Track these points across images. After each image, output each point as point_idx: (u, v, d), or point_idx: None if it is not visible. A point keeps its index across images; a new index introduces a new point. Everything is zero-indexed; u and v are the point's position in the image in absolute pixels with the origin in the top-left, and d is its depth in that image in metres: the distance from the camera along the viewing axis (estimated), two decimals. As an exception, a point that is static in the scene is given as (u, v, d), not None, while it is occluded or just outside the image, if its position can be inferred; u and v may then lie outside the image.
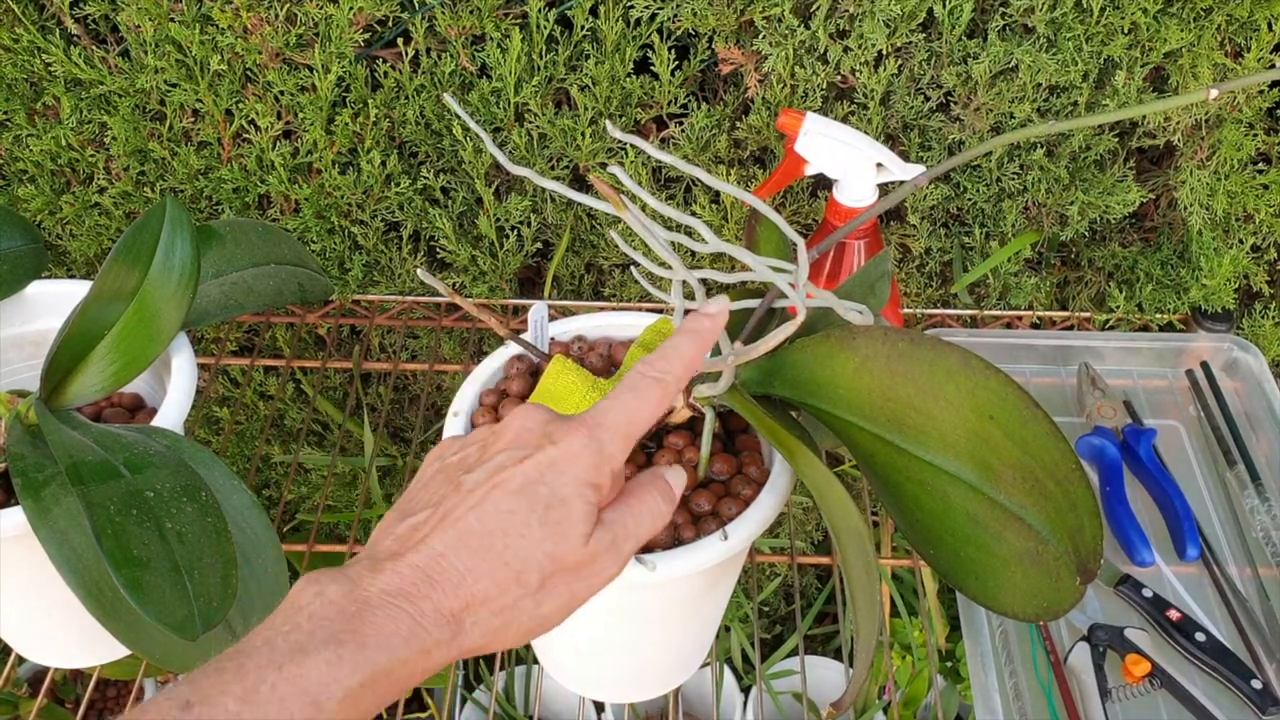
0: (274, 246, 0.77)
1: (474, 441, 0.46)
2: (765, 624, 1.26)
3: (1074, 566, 0.48)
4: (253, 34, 0.84)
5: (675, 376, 0.46)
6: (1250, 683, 0.69)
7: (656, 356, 0.46)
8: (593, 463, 0.43)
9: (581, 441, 0.43)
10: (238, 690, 0.35)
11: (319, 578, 0.40)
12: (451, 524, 0.42)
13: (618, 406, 0.45)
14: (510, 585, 0.41)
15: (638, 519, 0.45)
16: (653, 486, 0.46)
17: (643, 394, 0.45)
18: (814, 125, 0.76)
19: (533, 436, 0.44)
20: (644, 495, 0.46)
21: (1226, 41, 0.82)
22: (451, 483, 0.44)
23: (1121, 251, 0.94)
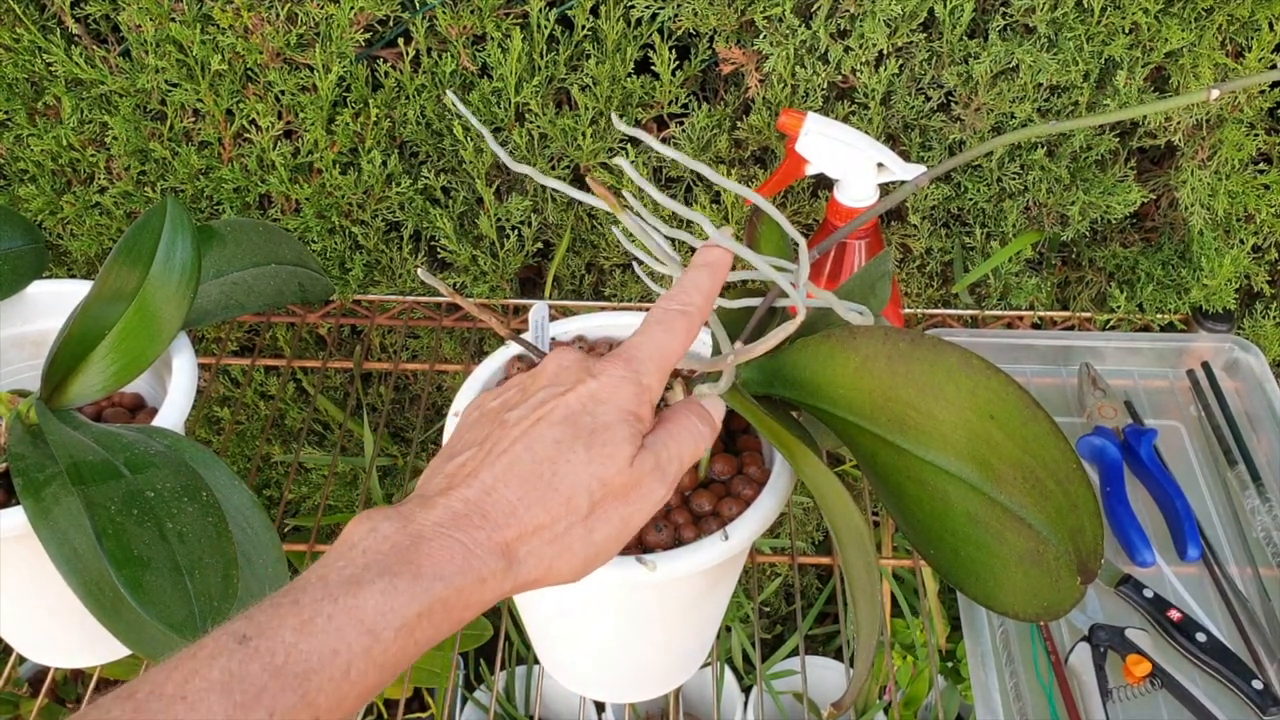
0: (275, 246, 0.77)
1: (513, 385, 0.47)
2: (766, 624, 1.26)
3: (1075, 566, 0.48)
4: (253, 34, 0.84)
5: (697, 307, 0.47)
6: (1251, 683, 0.69)
7: (676, 290, 0.48)
8: (633, 392, 0.44)
9: (620, 373, 0.44)
10: (294, 622, 0.36)
11: (371, 515, 0.40)
12: (499, 456, 0.42)
13: (649, 340, 0.46)
14: (561, 512, 0.42)
15: (679, 441, 0.46)
16: (688, 410, 0.47)
17: (670, 326, 0.46)
18: (815, 125, 0.76)
19: (571, 373, 0.45)
20: (681, 419, 0.47)
21: (1227, 41, 0.82)
22: (495, 422, 0.44)
23: (1122, 251, 0.94)
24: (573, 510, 0.42)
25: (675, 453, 0.45)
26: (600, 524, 0.43)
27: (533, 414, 0.44)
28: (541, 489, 0.41)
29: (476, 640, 1.11)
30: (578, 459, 0.42)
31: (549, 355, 0.47)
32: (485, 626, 1.11)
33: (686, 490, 0.57)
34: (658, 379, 0.45)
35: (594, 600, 0.58)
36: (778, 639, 1.27)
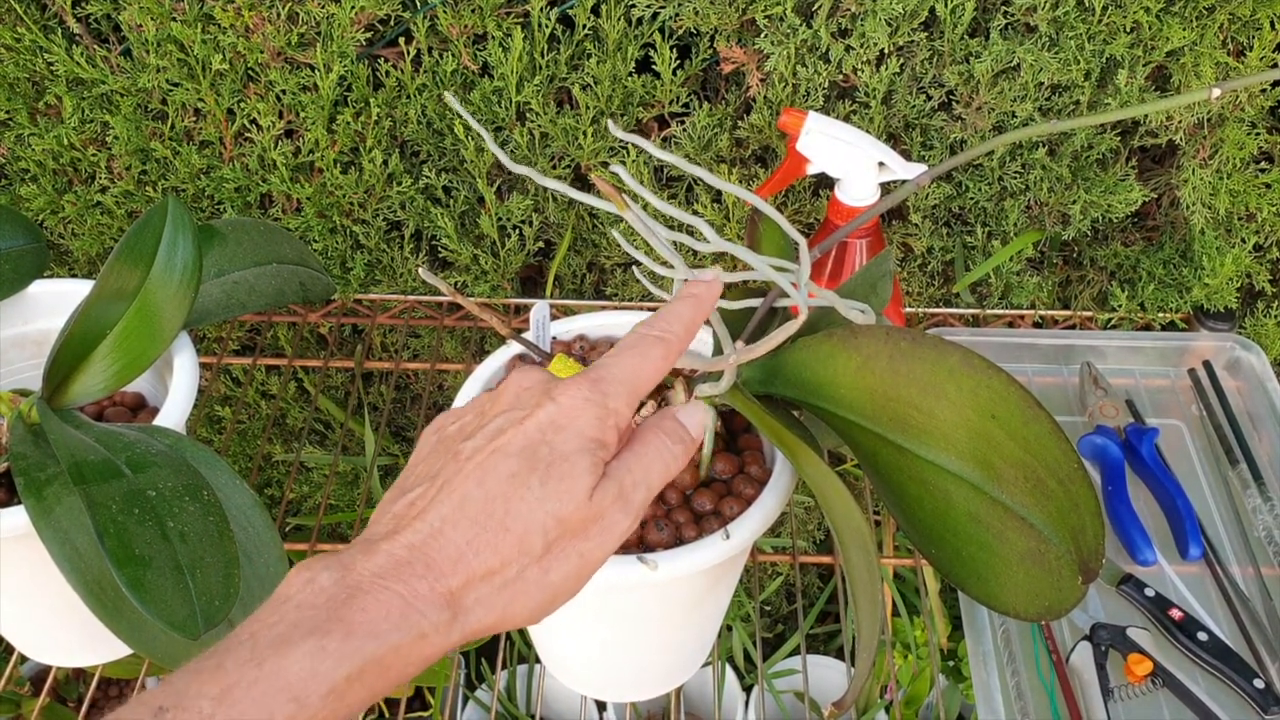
0: (276, 246, 0.77)
1: (471, 409, 0.44)
2: (767, 623, 1.26)
3: (1076, 566, 0.48)
4: (254, 33, 0.84)
5: (676, 336, 0.45)
6: (1252, 682, 0.69)
7: (657, 317, 0.45)
8: (596, 416, 0.41)
9: (584, 396, 0.41)
10: (214, 690, 0.33)
11: (311, 564, 0.38)
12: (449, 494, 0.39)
13: (621, 362, 0.43)
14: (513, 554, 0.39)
15: (646, 464, 0.42)
16: (659, 429, 0.44)
17: (645, 351, 0.44)
18: (816, 124, 0.76)
19: (532, 395, 0.42)
20: (650, 439, 0.43)
21: (1229, 40, 0.82)
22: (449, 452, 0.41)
23: (1123, 250, 0.94)
24: (526, 552, 0.39)
25: (641, 478, 0.42)
26: (557, 564, 0.40)
27: (488, 444, 0.41)
28: (493, 530, 0.38)
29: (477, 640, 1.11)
30: (532, 495, 0.39)
31: (510, 375, 0.44)
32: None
33: (688, 489, 0.57)
34: (626, 402, 0.42)
35: (595, 600, 0.58)
36: (779, 638, 1.27)
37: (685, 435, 0.45)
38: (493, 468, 0.40)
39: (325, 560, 0.38)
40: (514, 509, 0.39)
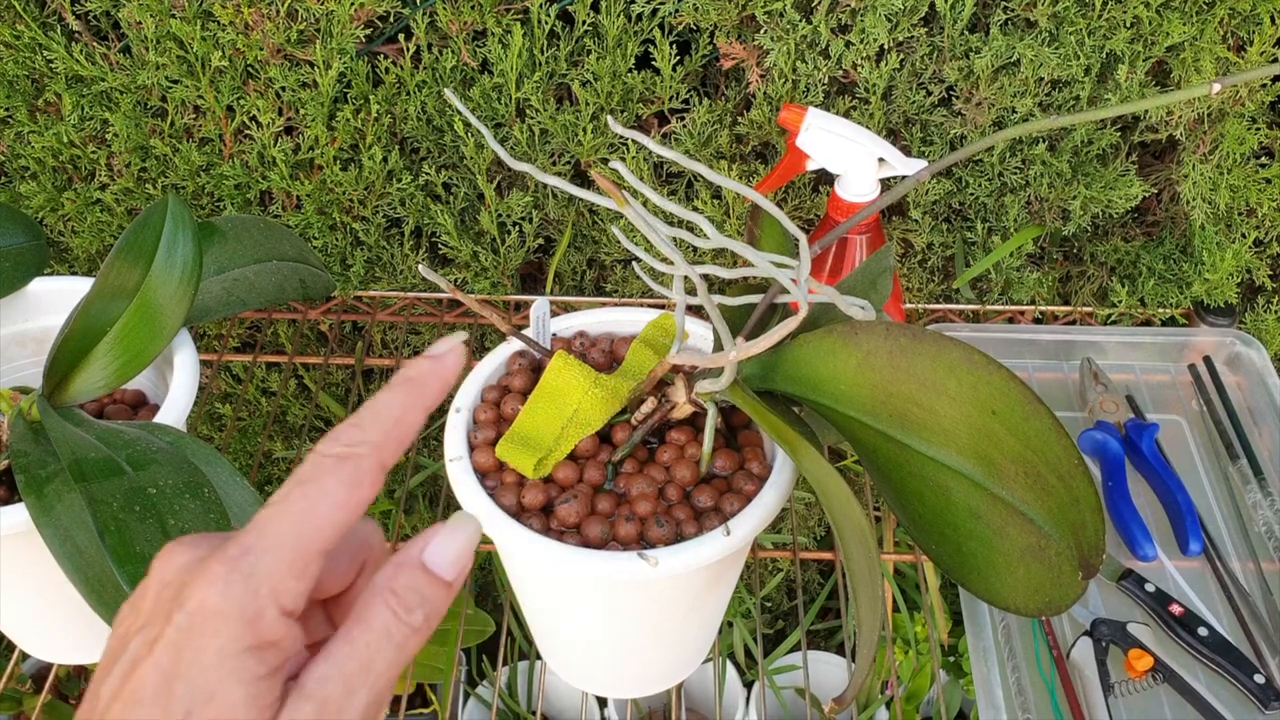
0: (276, 243, 0.77)
1: (129, 605, 0.32)
2: (768, 619, 1.26)
3: (1076, 561, 0.48)
4: (254, 30, 0.84)
5: (371, 446, 0.32)
6: (1253, 677, 0.69)
7: (346, 424, 0.32)
8: (242, 617, 0.29)
9: (219, 591, 0.29)
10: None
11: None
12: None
13: (281, 514, 0.31)
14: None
15: (361, 658, 0.31)
16: (390, 591, 0.32)
17: (318, 486, 0.31)
18: (816, 120, 0.76)
19: (165, 600, 0.30)
20: (372, 615, 0.31)
21: (1229, 35, 0.82)
22: (94, 692, 0.31)
23: (1124, 246, 0.94)
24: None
25: (359, 680, 0.31)
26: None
27: (122, 688, 0.30)
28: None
29: (479, 636, 1.11)
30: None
31: (159, 555, 0.32)
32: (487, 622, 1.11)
33: (688, 486, 0.57)
34: (290, 573, 0.30)
35: (595, 597, 0.58)
36: (779, 634, 1.27)
37: (429, 596, 0.32)
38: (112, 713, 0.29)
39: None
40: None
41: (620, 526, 0.55)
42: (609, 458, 0.59)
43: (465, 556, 0.33)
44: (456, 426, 0.60)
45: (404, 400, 0.33)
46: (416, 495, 1.14)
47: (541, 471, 0.57)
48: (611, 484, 0.58)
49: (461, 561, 0.33)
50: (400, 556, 0.32)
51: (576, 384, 0.59)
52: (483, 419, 0.61)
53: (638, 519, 0.55)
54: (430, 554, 0.33)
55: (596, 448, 0.59)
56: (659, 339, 0.64)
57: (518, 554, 0.57)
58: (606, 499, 0.57)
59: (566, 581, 0.58)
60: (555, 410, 0.58)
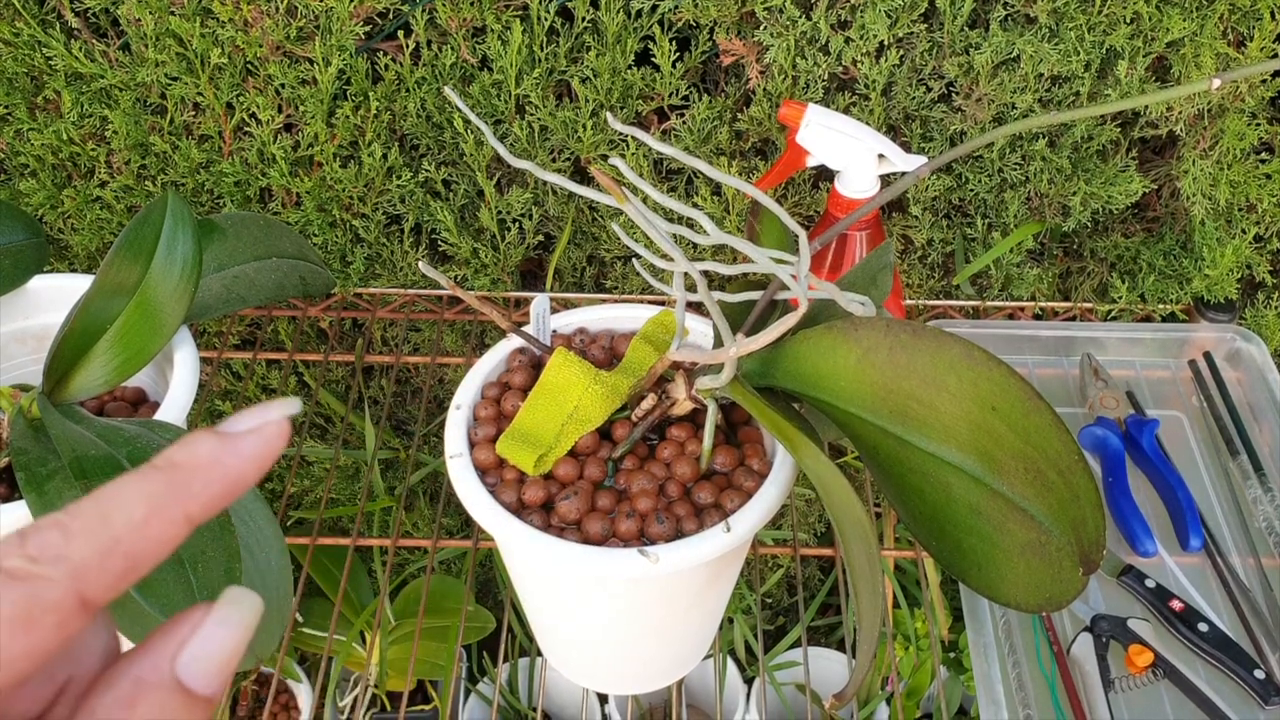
0: (275, 240, 0.77)
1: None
2: (768, 615, 1.26)
3: (1077, 557, 0.48)
4: (253, 27, 0.84)
5: (70, 569, 0.21)
6: (1253, 673, 0.69)
7: (49, 521, 0.22)
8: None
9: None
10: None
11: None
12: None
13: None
14: None
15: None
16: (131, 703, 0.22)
17: None
18: (815, 116, 0.76)
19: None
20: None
21: (1229, 31, 0.82)
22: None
23: (1124, 242, 0.94)
24: None
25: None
26: None
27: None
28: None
29: (480, 633, 1.11)
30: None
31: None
32: (488, 619, 1.11)
33: (688, 482, 0.57)
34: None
35: (596, 593, 0.58)
36: (780, 630, 1.27)
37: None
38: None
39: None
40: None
41: (621, 523, 0.55)
42: (609, 454, 0.59)
43: (235, 659, 0.23)
44: (457, 423, 0.60)
45: (154, 497, 0.22)
46: (417, 492, 1.15)
47: (542, 468, 0.57)
48: (612, 480, 0.58)
49: (230, 667, 0.23)
50: (141, 669, 0.22)
51: (577, 381, 0.59)
52: (483, 415, 0.61)
53: (638, 516, 0.55)
54: (186, 663, 0.22)
55: (597, 444, 0.59)
56: (659, 335, 0.64)
57: (518, 551, 0.57)
58: (607, 495, 0.57)
59: (567, 578, 0.58)
60: (555, 407, 0.58)
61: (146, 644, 0.22)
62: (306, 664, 1.21)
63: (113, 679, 0.22)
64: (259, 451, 0.23)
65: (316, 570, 1.06)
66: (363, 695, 0.99)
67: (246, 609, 0.23)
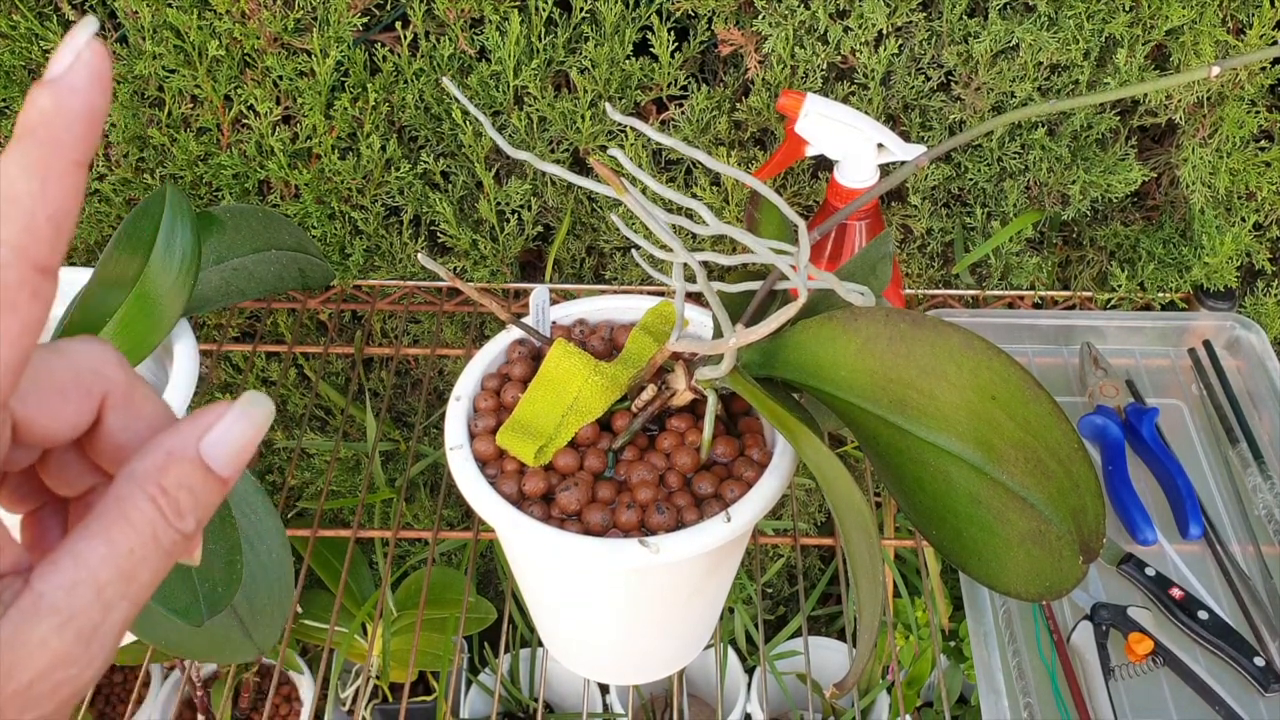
0: (274, 232, 0.77)
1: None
2: (769, 605, 1.26)
3: (1077, 546, 0.48)
4: (250, 19, 0.84)
5: (12, 249, 0.23)
6: (1253, 660, 0.69)
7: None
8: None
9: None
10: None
11: None
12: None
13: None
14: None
15: (122, 568, 0.24)
16: (145, 496, 0.25)
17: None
18: (814, 106, 0.76)
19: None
20: (134, 518, 0.25)
21: (1228, 18, 0.82)
22: None
23: (1123, 230, 0.94)
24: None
25: (115, 596, 0.24)
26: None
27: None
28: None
29: (480, 624, 1.12)
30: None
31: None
32: (489, 610, 1.11)
33: (689, 472, 0.57)
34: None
35: (597, 584, 0.58)
36: (781, 620, 1.28)
37: (204, 498, 0.26)
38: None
39: None
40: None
41: (621, 514, 0.55)
42: (609, 445, 0.59)
43: (249, 449, 0.26)
44: (457, 415, 0.60)
45: (34, 164, 0.23)
46: (417, 484, 1.15)
47: (542, 459, 0.57)
48: (612, 471, 0.58)
49: (245, 455, 0.26)
50: (172, 443, 0.26)
51: (576, 372, 0.59)
52: (483, 407, 0.61)
53: (638, 506, 0.55)
54: (210, 445, 0.26)
55: (597, 435, 0.59)
56: (659, 326, 0.64)
57: (519, 542, 0.57)
58: (607, 486, 0.57)
59: (567, 569, 0.58)
60: (555, 398, 0.58)
61: (179, 425, 0.26)
62: (308, 656, 1.22)
63: (150, 448, 0.26)
64: (92, 75, 0.23)
65: (317, 562, 1.07)
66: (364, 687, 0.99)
67: (261, 407, 0.27)
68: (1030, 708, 0.68)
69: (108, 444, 0.27)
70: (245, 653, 0.61)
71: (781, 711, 1.27)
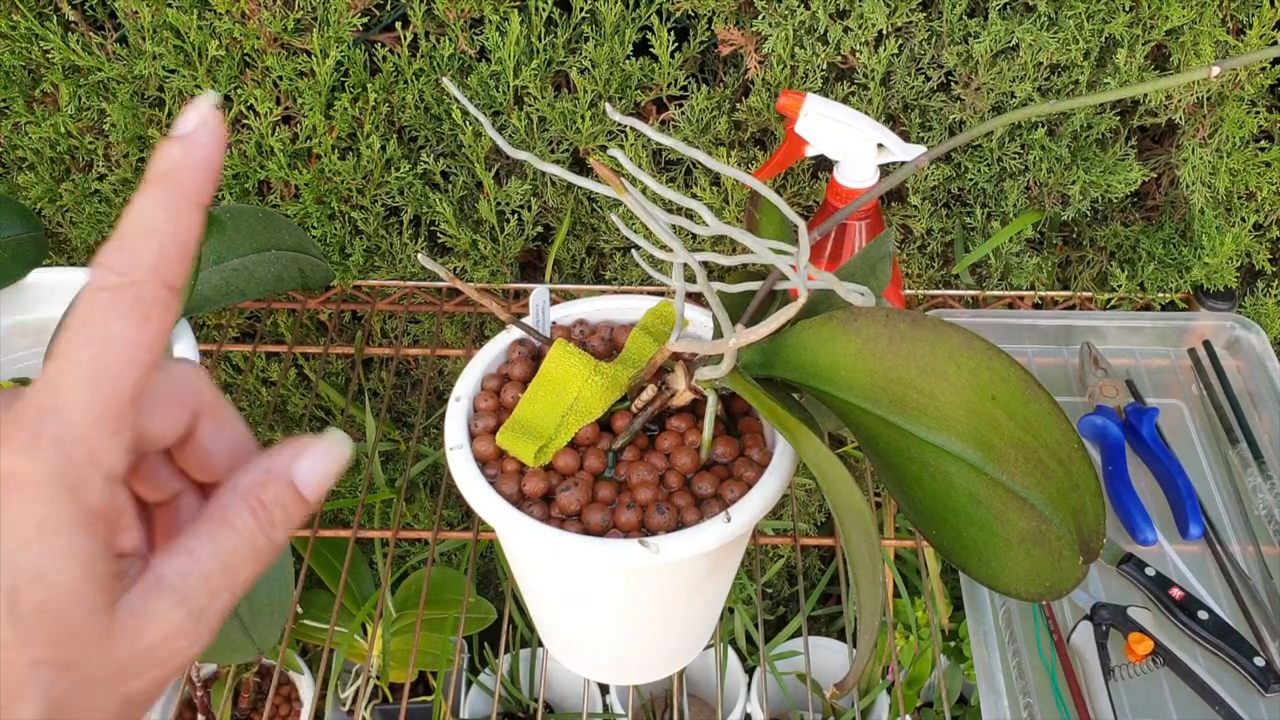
0: (274, 232, 0.77)
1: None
2: (769, 605, 1.26)
3: (1077, 546, 0.48)
4: (250, 19, 0.84)
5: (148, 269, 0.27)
6: (1253, 660, 0.69)
7: (111, 248, 0.28)
8: (60, 484, 0.25)
9: (28, 457, 0.25)
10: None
11: None
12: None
13: (72, 368, 0.27)
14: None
15: (226, 562, 0.29)
16: (257, 499, 0.30)
17: (103, 330, 0.27)
18: (814, 106, 0.76)
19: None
20: (237, 519, 0.29)
21: (1228, 18, 0.82)
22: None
23: (1123, 230, 0.94)
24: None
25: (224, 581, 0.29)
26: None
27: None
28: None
29: (480, 624, 1.12)
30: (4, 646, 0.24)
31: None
32: (489, 610, 1.11)
33: (689, 473, 0.57)
34: (108, 431, 0.26)
35: (597, 584, 0.58)
36: (781, 620, 1.28)
37: (292, 515, 0.31)
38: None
39: None
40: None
41: (621, 514, 0.55)
42: (609, 445, 0.59)
43: (331, 480, 0.31)
44: (456, 415, 0.60)
45: (166, 203, 0.28)
46: (417, 484, 1.15)
47: (542, 459, 0.57)
48: (612, 471, 0.58)
49: (327, 484, 0.31)
50: (271, 464, 0.30)
51: (576, 372, 0.59)
52: (483, 407, 0.61)
53: (638, 506, 0.55)
54: (301, 470, 0.31)
55: (597, 435, 0.59)
56: (659, 326, 0.64)
57: (519, 542, 0.57)
58: (607, 486, 0.57)
59: (567, 569, 0.58)
60: (555, 398, 0.58)
61: (277, 450, 0.31)
62: (308, 656, 1.22)
63: (250, 467, 0.30)
64: (212, 135, 0.29)
65: (317, 562, 1.07)
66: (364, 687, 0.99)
67: (345, 446, 0.32)
68: (1030, 708, 0.68)
69: (196, 453, 0.32)
70: (245, 653, 0.61)
71: (781, 711, 1.27)
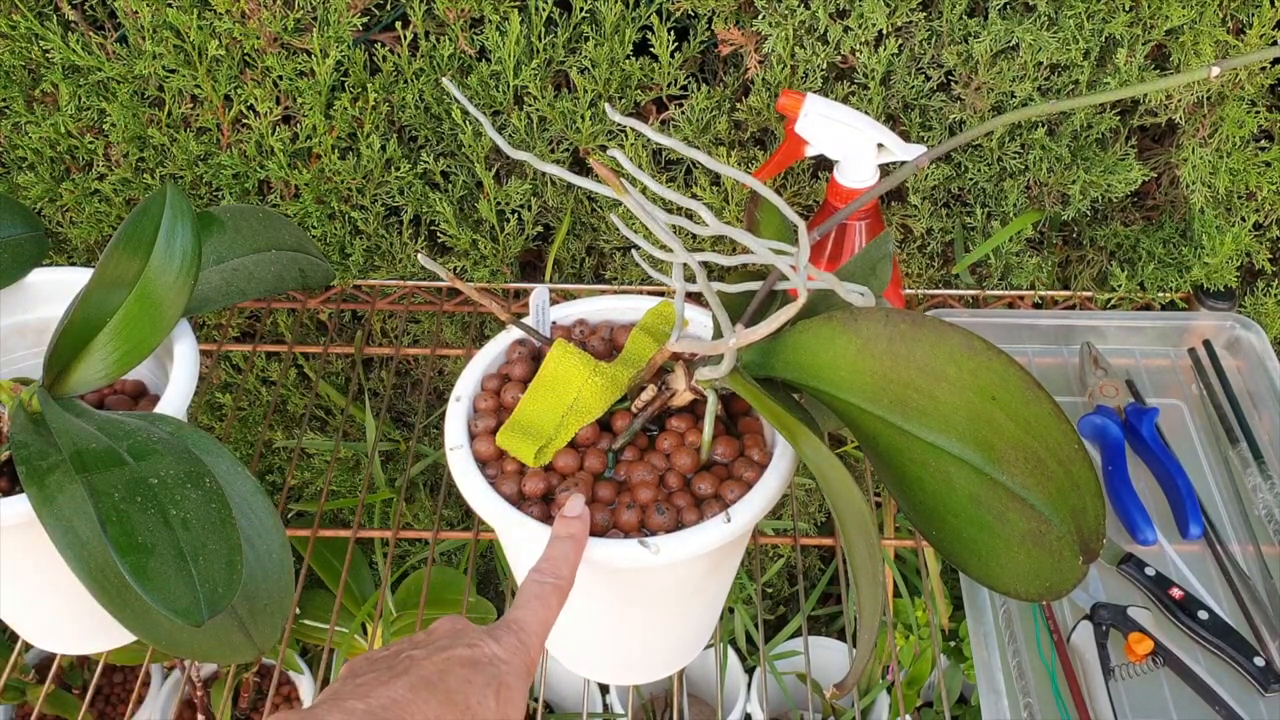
0: (275, 232, 0.77)
1: (403, 641, 0.49)
2: (769, 605, 1.26)
3: (1077, 546, 0.48)
4: (250, 19, 0.84)
5: (565, 579, 0.51)
6: (1253, 660, 0.69)
7: (546, 564, 0.52)
8: (524, 662, 0.49)
9: (514, 644, 0.49)
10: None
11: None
12: (412, 673, 0.45)
13: (533, 615, 0.50)
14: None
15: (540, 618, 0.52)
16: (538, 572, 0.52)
17: (546, 601, 0.51)
18: (814, 106, 0.76)
19: (470, 635, 0.49)
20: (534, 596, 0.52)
21: (1228, 18, 0.82)
22: (398, 658, 0.46)
23: (1123, 230, 0.94)
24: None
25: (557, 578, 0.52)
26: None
27: (442, 653, 0.46)
28: (455, 715, 0.44)
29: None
30: (487, 705, 0.46)
31: (443, 618, 0.50)
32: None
33: (689, 473, 0.57)
34: (539, 649, 0.50)
35: (597, 584, 0.58)
36: (781, 620, 1.28)
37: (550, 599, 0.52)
38: (449, 667, 0.46)
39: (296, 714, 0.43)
40: (474, 709, 0.45)
41: (621, 514, 0.55)
42: (609, 445, 0.59)
43: (572, 572, 0.53)
44: (457, 415, 0.60)
45: (573, 549, 0.53)
46: (417, 484, 1.15)
47: (542, 459, 0.57)
48: (612, 472, 0.58)
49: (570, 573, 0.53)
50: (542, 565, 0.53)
51: (576, 372, 0.59)
52: (483, 407, 0.61)
53: (638, 506, 0.55)
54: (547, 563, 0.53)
55: (597, 435, 0.59)
56: (659, 326, 0.64)
57: (518, 542, 0.57)
58: (607, 487, 0.57)
59: (568, 569, 0.58)
60: (555, 398, 0.58)
61: None
62: (308, 655, 1.22)
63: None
64: (584, 523, 0.54)
65: (317, 562, 1.07)
66: (364, 686, 0.99)
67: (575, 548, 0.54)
68: (1030, 708, 0.68)
69: None
70: (245, 653, 0.61)
71: (781, 711, 1.27)
